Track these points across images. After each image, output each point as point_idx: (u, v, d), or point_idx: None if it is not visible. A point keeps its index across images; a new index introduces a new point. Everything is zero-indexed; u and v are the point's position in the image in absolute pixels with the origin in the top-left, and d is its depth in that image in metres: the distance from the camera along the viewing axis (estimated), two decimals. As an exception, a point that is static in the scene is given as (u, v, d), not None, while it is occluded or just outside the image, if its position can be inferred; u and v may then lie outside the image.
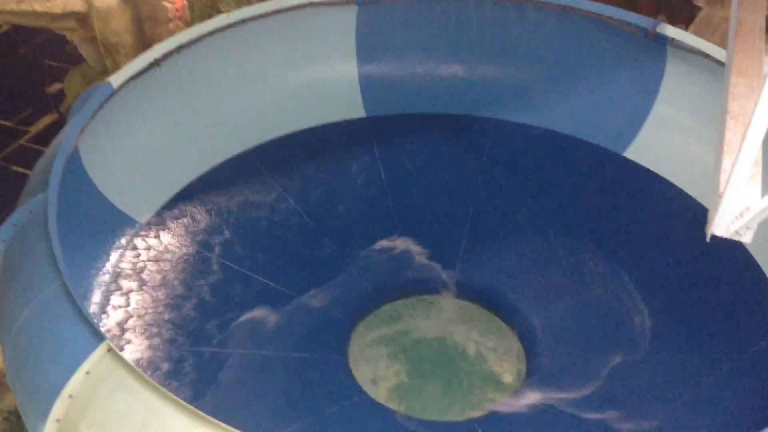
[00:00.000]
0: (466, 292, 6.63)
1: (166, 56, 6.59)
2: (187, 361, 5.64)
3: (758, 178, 3.40)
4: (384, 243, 6.74)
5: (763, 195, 3.25)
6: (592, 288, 6.35)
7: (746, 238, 3.38)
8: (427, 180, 7.21)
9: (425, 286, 6.67)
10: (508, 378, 6.09)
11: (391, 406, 5.81)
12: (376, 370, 6.16)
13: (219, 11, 8.38)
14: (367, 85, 7.65)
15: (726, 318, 5.99)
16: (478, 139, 7.50)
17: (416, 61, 7.73)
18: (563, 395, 5.63)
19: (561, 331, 6.12)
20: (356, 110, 7.70)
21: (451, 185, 7.17)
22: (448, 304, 6.67)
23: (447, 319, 6.59)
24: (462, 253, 6.67)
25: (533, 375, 5.91)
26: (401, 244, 6.75)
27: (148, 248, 6.34)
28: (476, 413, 5.76)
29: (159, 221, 6.58)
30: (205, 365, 5.63)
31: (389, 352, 6.31)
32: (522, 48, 7.54)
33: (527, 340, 6.21)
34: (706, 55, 6.60)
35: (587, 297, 6.29)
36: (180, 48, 6.65)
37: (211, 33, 6.84)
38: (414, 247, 6.73)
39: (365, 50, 7.58)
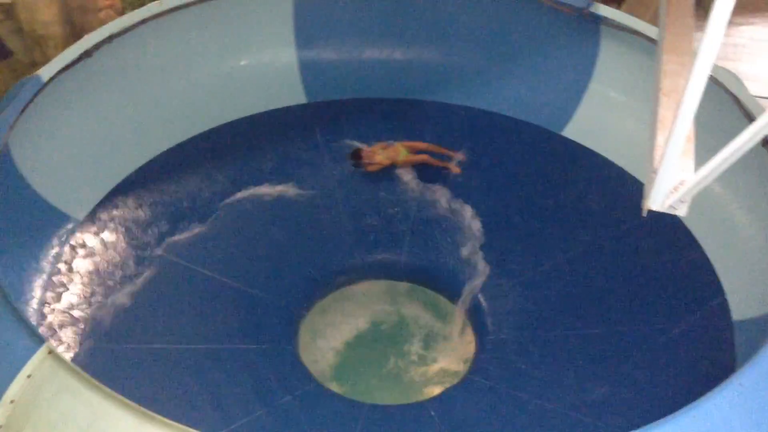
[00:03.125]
0: (413, 274, 6.67)
1: (98, 46, 6.39)
2: (132, 358, 5.54)
3: (691, 153, 3.50)
4: (330, 229, 6.71)
5: (696, 169, 3.33)
6: (536, 265, 6.46)
7: (681, 212, 3.48)
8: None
9: (373, 271, 6.68)
10: (458, 358, 6.16)
11: (343, 392, 5.82)
12: (326, 357, 6.15)
13: (151, -1, 8.15)
14: (306, 70, 7.59)
15: (665, 288, 6.18)
16: (419, 123, 7.53)
17: (355, 46, 7.71)
18: (512, 371, 5.73)
19: (508, 308, 6.21)
20: (297, 96, 7.64)
21: (395, 171, 7.17)
22: (396, 287, 6.70)
23: (396, 303, 6.62)
24: (408, 236, 6.69)
25: (483, 353, 5.99)
26: (347, 229, 6.73)
27: (86, 245, 6.18)
28: (428, 395, 5.82)
29: (96, 217, 6.42)
30: (151, 362, 5.54)
31: (339, 339, 6.31)
32: (459, 30, 7.60)
33: (475, 319, 6.29)
34: (639, 34, 6.75)
35: (532, 274, 6.39)
36: (112, 37, 6.46)
37: (144, 21, 6.67)
38: (360, 232, 6.73)
39: (303, 36, 7.51)
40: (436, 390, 5.84)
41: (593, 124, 7.25)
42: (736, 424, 3.85)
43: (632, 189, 6.59)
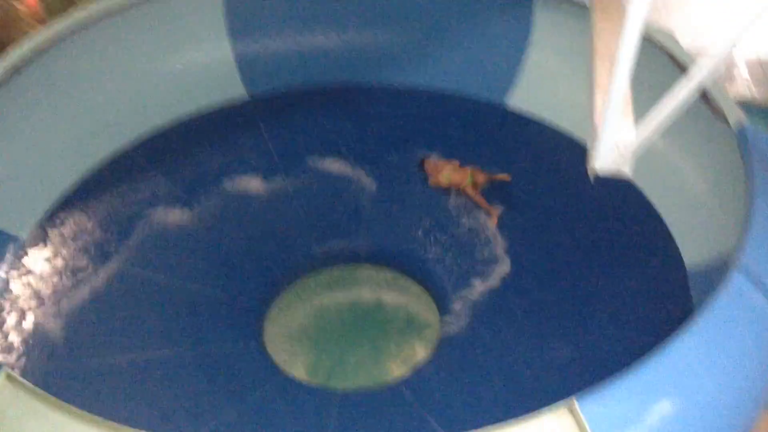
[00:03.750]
0: (372, 257, 6.67)
1: (26, 61, 6.20)
2: (94, 374, 5.42)
3: (629, 113, 3.56)
4: (284, 224, 6.66)
5: (636, 128, 3.40)
6: (493, 239, 6.53)
7: (625, 171, 3.55)
8: (320, 155, 7.16)
9: (332, 259, 6.66)
10: (424, 337, 6.20)
11: (314, 382, 5.82)
12: (293, 348, 6.12)
13: (75, 5, 7.91)
14: (244, 63, 7.49)
15: (617, 244, 6.32)
16: (364, 108, 7.50)
17: (291, 34, 7.62)
18: (477, 343, 5.80)
19: (466, 281, 6.27)
20: (237, 91, 7.53)
21: (344, 157, 7.15)
22: (355, 272, 6.69)
23: (357, 287, 6.62)
24: (365, 221, 6.69)
25: (447, 327, 6.05)
26: (301, 221, 6.70)
27: (34, 264, 6.02)
28: (399, 376, 5.85)
29: (42, 234, 6.26)
30: (114, 375, 5.43)
31: (304, 329, 6.28)
32: (394, 10, 7.57)
33: (436, 294, 6.34)
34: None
35: (486, 246, 6.45)
36: (39, 50, 6.26)
37: (71, 30, 6.48)
38: (316, 223, 6.70)
39: (236, 28, 7.39)
40: (406, 370, 5.88)
41: (535, 92, 7.33)
42: (698, 369, 3.97)
43: (580, 153, 6.68)
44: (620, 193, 6.49)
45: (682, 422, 3.75)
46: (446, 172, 6.70)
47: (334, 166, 7.09)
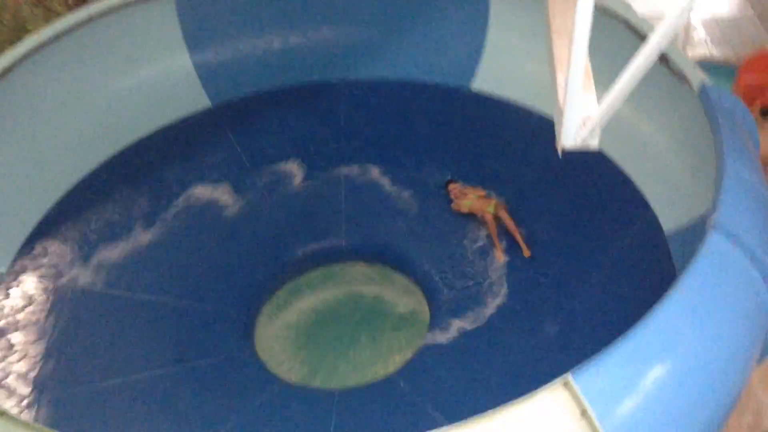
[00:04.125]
0: (355, 255, 6.68)
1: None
2: (86, 400, 5.38)
3: (591, 87, 3.57)
4: (263, 229, 6.64)
5: (599, 101, 3.40)
6: (467, 220, 6.56)
7: (593, 145, 3.55)
8: (292, 157, 7.13)
9: (315, 259, 6.66)
10: (416, 329, 6.20)
11: (312, 384, 5.82)
12: (287, 352, 6.12)
13: (26, 31, 7.77)
14: (204, 72, 7.42)
15: (595, 216, 6.36)
16: (331, 105, 7.48)
17: (248, 38, 7.55)
18: (467, 328, 5.82)
19: (454, 268, 6.30)
20: (200, 101, 7.46)
21: (317, 157, 7.13)
22: (341, 271, 6.70)
23: (342, 285, 6.63)
24: (344, 219, 6.68)
25: (436, 316, 6.07)
26: (281, 226, 6.68)
27: (16, 296, 5.94)
28: (393, 369, 5.86)
29: (20, 266, 6.17)
30: (107, 399, 5.39)
31: (296, 331, 6.29)
32: (352, 5, 7.53)
33: (423, 283, 6.36)
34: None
35: (469, 233, 6.48)
36: (-5, 78, 6.16)
37: (25, 57, 6.36)
38: (296, 225, 6.68)
39: (193, 38, 7.32)
40: (400, 362, 5.89)
41: (499, 73, 7.34)
42: (687, 331, 3.99)
43: (549, 130, 6.71)
44: (593, 165, 6.52)
45: (677, 385, 3.79)
46: (469, 200, 6.57)
47: (307, 166, 7.07)
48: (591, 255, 6.08)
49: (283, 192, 6.91)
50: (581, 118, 3.39)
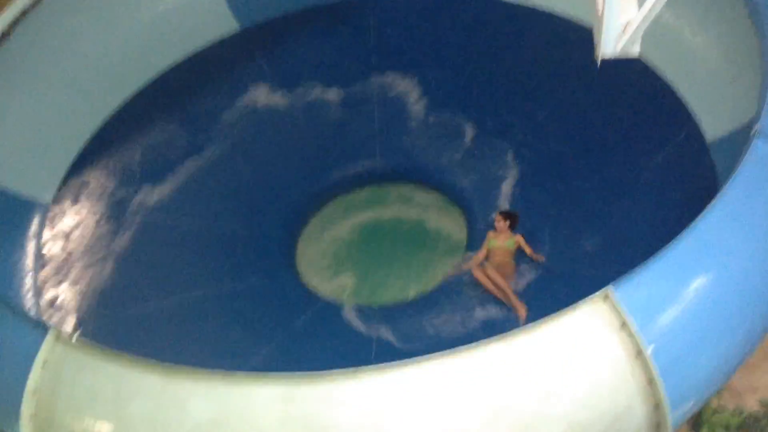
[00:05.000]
0: (393, 175, 6.69)
1: (14, 25, 6.09)
2: (136, 321, 5.58)
3: (633, -10, 3.43)
4: (300, 153, 6.66)
5: (639, 6, 3.29)
6: (508, 135, 6.48)
7: (634, 52, 3.45)
8: (322, 78, 7.05)
9: (351, 182, 6.69)
10: (454, 247, 6.23)
11: (354, 302, 5.93)
12: (328, 272, 6.23)
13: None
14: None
15: (637, 127, 6.24)
16: (360, 23, 7.31)
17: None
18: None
19: (490, 182, 6.27)
20: (228, 25, 7.36)
21: (347, 76, 7.04)
22: (378, 190, 6.72)
23: (382, 204, 6.66)
24: (378, 139, 6.65)
25: (475, 231, 6.08)
26: (317, 148, 6.69)
27: (62, 225, 6.12)
28: (434, 285, 5.91)
29: (66, 194, 6.33)
30: (156, 320, 5.58)
31: (337, 251, 6.37)
32: None
33: (463, 199, 6.36)
34: None
35: (505, 144, 6.42)
36: (25, 13, 6.14)
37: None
38: (332, 147, 6.69)
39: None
40: (439, 278, 5.95)
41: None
42: (730, 240, 3.95)
43: (587, 38, 6.51)
44: (632, 74, 6.33)
45: (719, 296, 3.77)
46: (496, 240, 5.68)
47: (339, 87, 7.01)
48: (632, 166, 5.99)
49: (316, 113, 6.89)
50: (621, 24, 3.28)
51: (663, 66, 6.29)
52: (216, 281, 5.84)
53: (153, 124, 6.85)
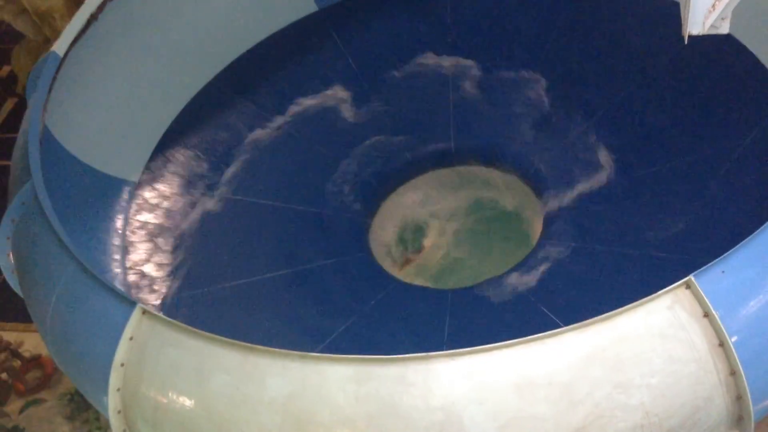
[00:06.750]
0: (465, 156, 6.63)
1: (102, 7, 6.29)
2: (216, 300, 5.74)
3: (723, -36, 3.27)
4: (375, 133, 6.68)
5: (731, -19, 3.14)
6: (588, 114, 6.32)
7: (724, 29, 3.30)
8: (398, 60, 7.04)
9: (428, 163, 6.67)
10: (528, 231, 6.15)
11: (426, 284, 5.95)
12: (404, 253, 6.26)
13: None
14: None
15: (724, 108, 5.96)
16: (436, 4, 7.23)
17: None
18: (582, 228, 5.72)
19: (564, 165, 6.15)
20: (306, 5, 7.42)
21: (427, 57, 6.99)
22: (451, 171, 6.68)
23: (455, 186, 6.62)
24: (452, 120, 6.61)
25: (549, 218, 5.98)
26: (393, 129, 6.69)
27: (148, 204, 6.34)
28: (507, 268, 5.85)
29: (152, 174, 6.53)
30: (235, 299, 5.73)
31: (412, 234, 6.40)
32: None
33: (536, 182, 6.27)
34: None
35: (584, 124, 6.26)
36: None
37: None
38: (408, 128, 6.68)
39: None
40: (511, 262, 5.89)
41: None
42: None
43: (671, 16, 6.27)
44: (722, 51, 6.07)
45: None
46: None
47: (417, 67, 6.97)
48: (719, 147, 5.75)
49: (391, 94, 6.88)
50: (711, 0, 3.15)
51: (755, 44, 5.99)
52: (291, 262, 5.96)
53: (232, 105, 6.99)
